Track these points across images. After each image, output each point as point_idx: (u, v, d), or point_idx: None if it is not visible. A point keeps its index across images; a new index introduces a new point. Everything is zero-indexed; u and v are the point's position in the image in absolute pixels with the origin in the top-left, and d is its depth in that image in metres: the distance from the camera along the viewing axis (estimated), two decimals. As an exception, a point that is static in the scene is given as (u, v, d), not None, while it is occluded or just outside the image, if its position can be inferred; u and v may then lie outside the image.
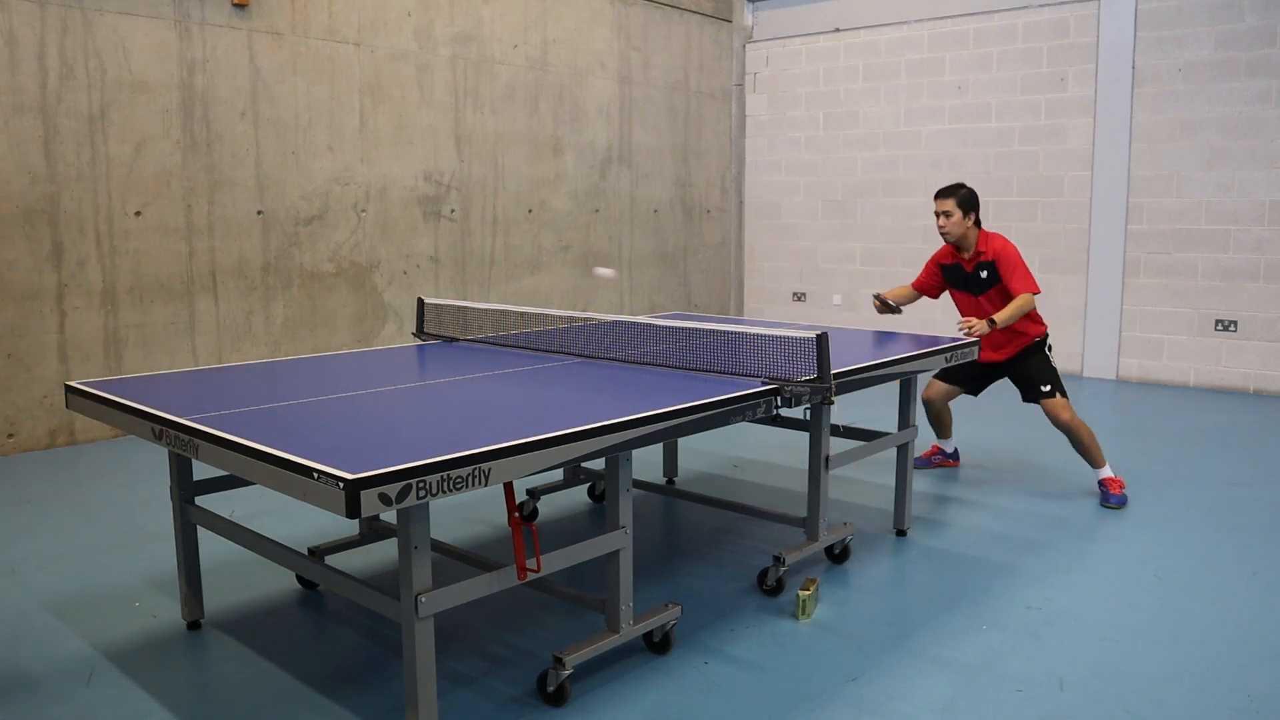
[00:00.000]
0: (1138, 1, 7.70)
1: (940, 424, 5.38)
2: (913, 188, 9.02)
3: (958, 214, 4.71)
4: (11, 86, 5.46)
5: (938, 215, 4.76)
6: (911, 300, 5.08)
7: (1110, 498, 4.69)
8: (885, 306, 4.97)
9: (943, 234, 4.77)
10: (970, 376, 5.12)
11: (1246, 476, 5.18)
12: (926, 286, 5.08)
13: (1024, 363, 4.88)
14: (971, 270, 4.83)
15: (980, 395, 5.32)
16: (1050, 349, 4.91)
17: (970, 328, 4.56)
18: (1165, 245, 7.75)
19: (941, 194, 4.76)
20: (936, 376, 5.23)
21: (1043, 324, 4.91)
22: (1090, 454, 4.77)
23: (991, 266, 4.75)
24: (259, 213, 6.51)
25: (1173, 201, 7.70)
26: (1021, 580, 3.75)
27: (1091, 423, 6.53)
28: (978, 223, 4.80)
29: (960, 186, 4.76)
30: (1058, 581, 3.74)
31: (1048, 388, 4.79)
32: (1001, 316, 4.59)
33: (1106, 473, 4.78)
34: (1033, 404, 4.93)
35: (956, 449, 5.53)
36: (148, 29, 5.93)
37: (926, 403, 5.26)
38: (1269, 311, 7.39)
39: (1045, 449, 5.73)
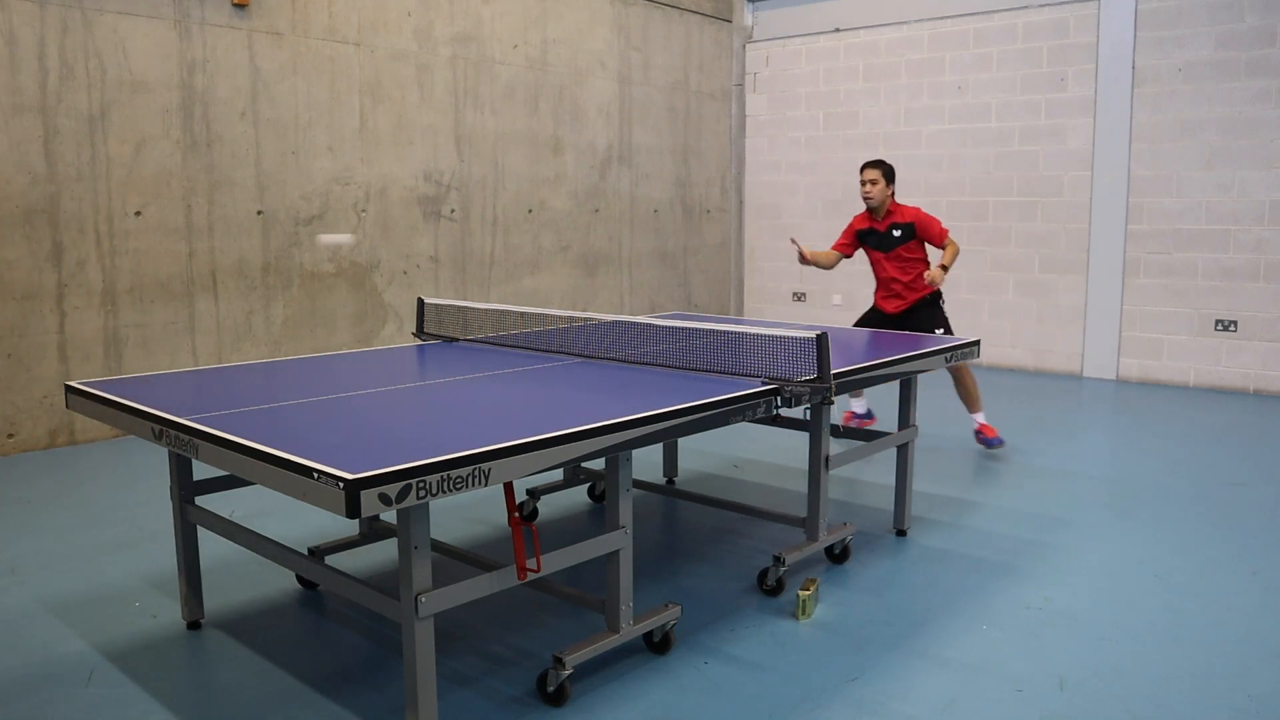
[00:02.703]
0: (1138, 1, 7.70)
1: None
2: (913, 188, 9.01)
3: (882, 183, 5.44)
4: (11, 86, 5.46)
5: (864, 183, 5.47)
6: (830, 261, 5.70)
7: (990, 441, 5.55)
8: (802, 256, 5.55)
9: (867, 199, 5.48)
10: (875, 327, 5.62)
11: (1246, 476, 5.18)
12: (845, 247, 5.75)
13: (919, 313, 5.51)
14: (884, 230, 5.53)
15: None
16: (943, 301, 5.59)
17: (931, 277, 5.19)
18: (1165, 245, 7.75)
19: (870, 165, 5.49)
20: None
21: None
22: (972, 399, 5.59)
23: (907, 227, 5.45)
24: (259, 213, 6.51)
25: (1173, 201, 7.70)
26: (1021, 580, 3.75)
27: (1092, 423, 6.54)
28: (893, 194, 5.55)
29: (883, 161, 5.52)
30: (1058, 581, 3.74)
31: (940, 330, 5.41)
32: (947, 260, 5.27)
33: (982, 419, 5.63)
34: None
35: (870, 410, 6.08)
36: (148, 29, 5.93)
37: None
38: (1269, 311, 7.39)
39: (1046, 449, 5.73)
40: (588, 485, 4.90)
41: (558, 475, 4.73)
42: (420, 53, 7.29)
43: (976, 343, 4.34)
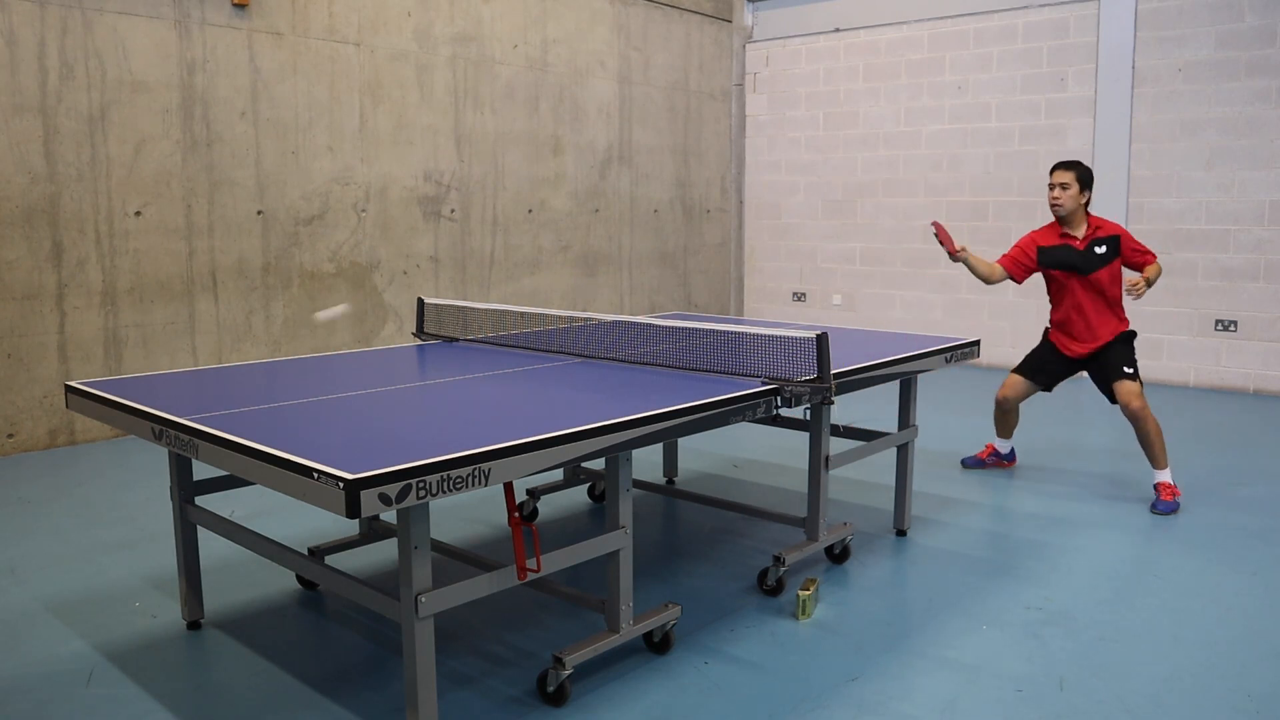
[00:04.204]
0: (1138, 1, 7.70)
1: (1007, 424, 5.26)
2: (913, 188, 9.02)
3: (1075, 188, 4.68)
4: (11, 86, 5.46)
5: (1053, 187, 4.71)
6: (989, 272, 4.87)
7: (1159, 504, 4.59)
8: (945, 236, 4.73)
9: (1055, 206, 4.73)
10: (1049, 370, 5.02)
11: (1246, 476, 5.18)
12: (1016, 266, 4.89)
13: (1111, 349, 4.79)
14: (1084, 248, 4.74)
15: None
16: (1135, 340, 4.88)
17: (1137, 286, 4.53)
18: (1165, 245, 7.75)
19: (1062, 166, 4.73)
20: (1016, 372, 5.11)
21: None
22: (1154, 452, 4.65)
23: (1112, 242, 4.72)
24: (259, 213, 6.51)
25: (1173, 201, 7.70)
26: (1021, 580, 3.75)
27: (1092, 423, 6.54)
28: (1088, 203, 4.78)
29: (1079, 163, 4.75)
30: (1058, 581, 3.74)
31: (1130, 369, 4.69)
32: (1152, 274, 4.66)
33: (1164, 477, 4.65)
34: (1106, 394, 4.79)
35: (1013, 449, 5.41)
36: (148, 29, 5.93)
37: (1002, 401, 5.15)
38: (1269, 311, 7.39)
39: (1045, 449, 5.73)
40: (588, 485, 4.90)
41: (558, 475, 4.73)
42: (420, 53, 7.29)
43: (976, 343, 4.34)
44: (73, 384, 3.22)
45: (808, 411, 3.71)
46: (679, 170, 9.61)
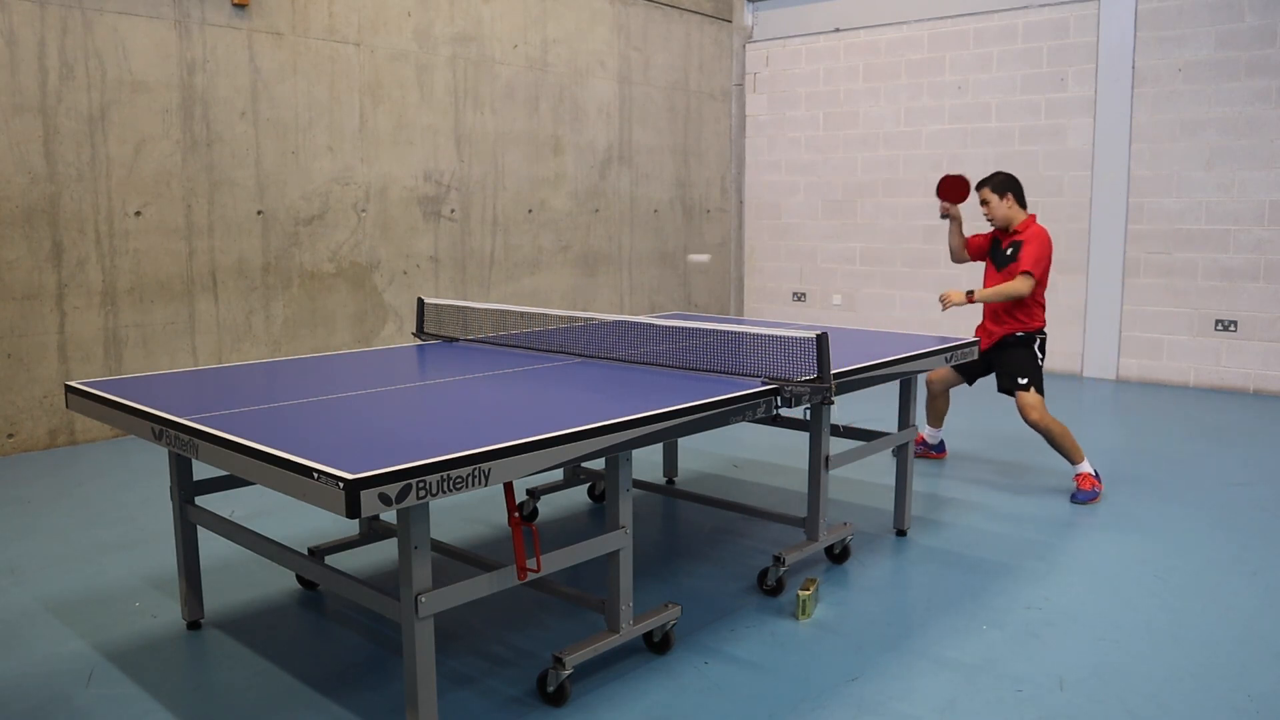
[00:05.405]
0: (1138, 1, 7.70)
1: (934, 410, 5.44)
2: (913, 188, 9.02)
3: (994, 200, 4.90)
4: (11, 86, 5.46)
5: (981, 203, 4.96)
6: (955, 245, 5.17)
7: (1078, 494, 4.74)
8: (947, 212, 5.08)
9: (989, 221, 4.97)
10: (966, 364, 5.13)
11: (1246, 476, 5.18)
12: (973, 246, 5.17)
13: (1008, 351, 4.91)
14: (1005, 247, 4.97)
15: (974, 387, 5.39)
16: (1041, 347, 4.92)
17: (945, 295, 4.79)
18: (1165, 245, 7.75)
19: (979, 185, 4.96)
20: None
21: (1038, 321, 4.92)
22: (1066, 452, 4.79)
23: (1017, 246, 4.86)
24: (259, 213, 6.51)
25: (1173, 201, 7.70)
26: (1021, 580, 3.75)
27: (1092, 423, 6.54)
28: (1022, 205, 4.93)
29: (996, 174, 4.94)
30: (1058, 581, 3.74)
31: (1024, 380, 4.79)
32: (983, 292, 4.78)
33: (1083, 469, 4.80)
34: (1007, 395, 4.90)
35: (943, 441, 5.60)
36: (148, 29, 5.93)
37: (928, 384, 5.38)
38: (1269, 311, 7.39)
39: (1044, 447, 5.72)
40: (588, 485, 4.90)
41: (558, 475, 4.73)
42: (420, 53, 7.29)
43: (976, 343, 4.34)
44: (73, 384, 3.22)
45: (808, 411, 3.71)
46: (679, 170, 9.61)
